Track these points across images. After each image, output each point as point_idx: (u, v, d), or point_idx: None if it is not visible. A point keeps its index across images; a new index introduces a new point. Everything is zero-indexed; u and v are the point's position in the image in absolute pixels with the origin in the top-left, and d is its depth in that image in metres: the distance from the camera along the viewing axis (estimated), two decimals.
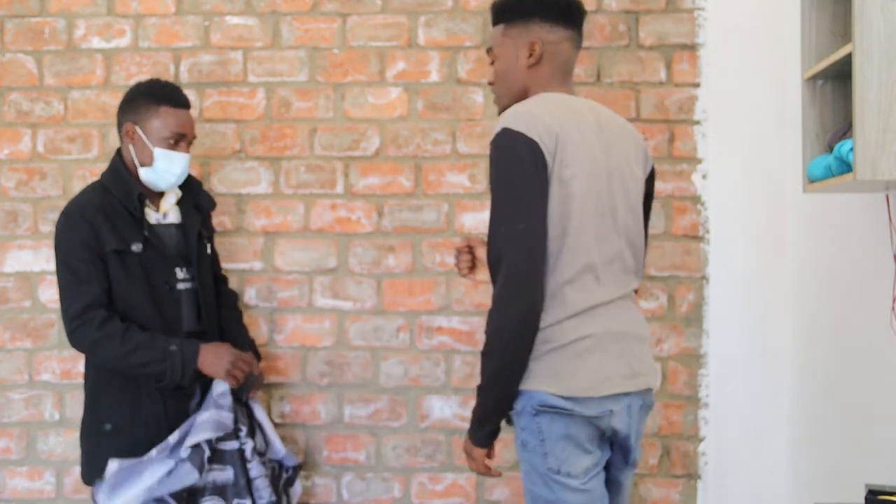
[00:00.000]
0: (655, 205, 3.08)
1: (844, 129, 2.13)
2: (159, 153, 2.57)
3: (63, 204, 3.22)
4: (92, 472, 2.55)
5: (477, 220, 3.11)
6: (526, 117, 2.02)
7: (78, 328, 2.48)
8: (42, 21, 3.20)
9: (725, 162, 3.05)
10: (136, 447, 2.49)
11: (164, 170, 2.58)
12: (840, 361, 2.57)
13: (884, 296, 2.20)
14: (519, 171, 1.98)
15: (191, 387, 2.58)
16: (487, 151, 3.09)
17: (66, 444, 3.15)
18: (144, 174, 2.59)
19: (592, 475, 2.04)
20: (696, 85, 3.07)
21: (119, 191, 2.57)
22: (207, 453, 2.49)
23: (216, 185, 3.16)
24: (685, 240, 3.07)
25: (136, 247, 2.53)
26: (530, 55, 2.15)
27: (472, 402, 3.08)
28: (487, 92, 3.11)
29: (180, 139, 2.60)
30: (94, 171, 3.16)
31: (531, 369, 2.00)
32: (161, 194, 2.68)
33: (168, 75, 3.16)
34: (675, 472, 3.06)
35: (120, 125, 2.63)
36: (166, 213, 2.66)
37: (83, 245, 2.48)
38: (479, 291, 3.10)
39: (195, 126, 2.73)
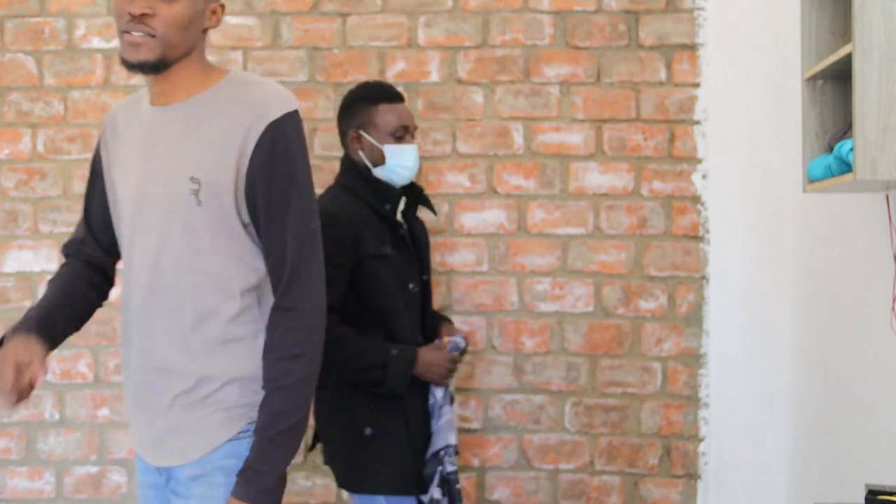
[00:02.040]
0: (655, 205, 3.09)
1: (844, 129, 2.13)
2: (389, 150, 2.54)
3: (64, 204, 3.21)
4: (358, 481, 2.51)
5: (478, 219, 3.11)
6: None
7: None
8: (42, 21, 3.20)
9: (725, 162, 3.05)
10: (405, 448, 2.50)
11: (397, 164, 2.55)
12: (840, 361, 2.57)
13: (884, 296, 2.20)
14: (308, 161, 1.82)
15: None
16: (488, 152, 3.11)
17: (66, 444, 3.15)
18: (379, 173, 2.55)
19: None
20: (696, 85, 3.07)
21: (371, 195, 2.53)
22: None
23: None
24: (685, 240, 3.07)
25: (388, 249, 2.51)
26: (213, 16, 1.84)
27: (472, 402, 3.10)
28: (487, 92, 3.11)
29: (405, 132, 2.57)
30: None
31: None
32: None
33: None
34: (675, 472, 3.06)
35: (343, 134, 2.61)
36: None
37: (341, 248, 2.41)
38: (480, 291, 3.11)
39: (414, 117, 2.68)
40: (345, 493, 3.12)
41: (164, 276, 1.77)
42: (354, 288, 2.47)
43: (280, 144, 1.73)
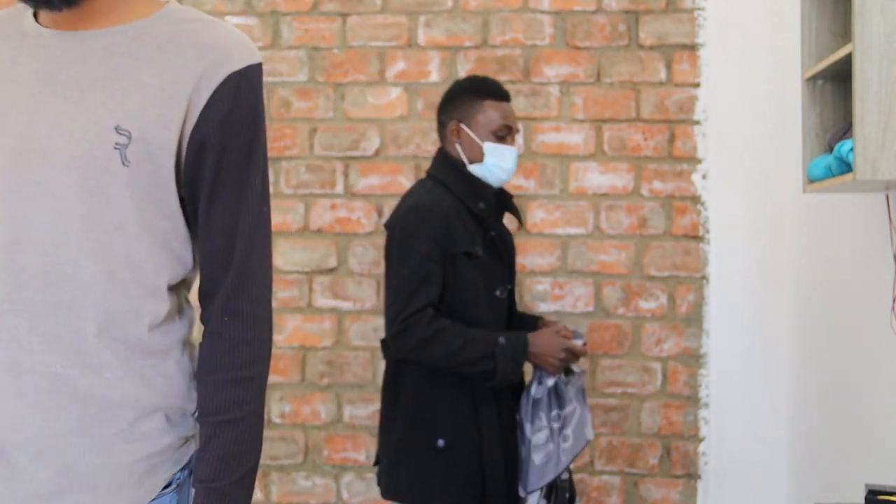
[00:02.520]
0: (655, 205, 3.08)
1: (844, 129, 2.13)
2: (489, 148, 2.45)
3: None
4: (422, 495, 2.37)
5: None
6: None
7: (409, 327, 2.31)
8: None
9: (725, 162, 3.05)
10: (473, 463, 2.36)
11: (495, 164, 2.46)
12: (840, 361, 2.57)
13: (884, 296, 2.20)
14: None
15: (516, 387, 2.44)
16: None
17: None
18: (475, 171, 2.47)
19: None
20: (696, 85, 3.07)
21: (465, 192, 2.44)
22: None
23: None
24: (685, 240, 3.07)
25: (479, 249, 2.42)
26: None
27: None
28: None
29: (508, 132, 2.48)
30: None
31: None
32: None
33: None
34: (675, 472, 3.06)
35: (443, 124, 2.52)
36: None
37: (435, 243, 2.35)
38: None
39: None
40: (345, 493, 3.13)
41: (57, 260, 1.25)
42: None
43: (242, 101, 1.28)
